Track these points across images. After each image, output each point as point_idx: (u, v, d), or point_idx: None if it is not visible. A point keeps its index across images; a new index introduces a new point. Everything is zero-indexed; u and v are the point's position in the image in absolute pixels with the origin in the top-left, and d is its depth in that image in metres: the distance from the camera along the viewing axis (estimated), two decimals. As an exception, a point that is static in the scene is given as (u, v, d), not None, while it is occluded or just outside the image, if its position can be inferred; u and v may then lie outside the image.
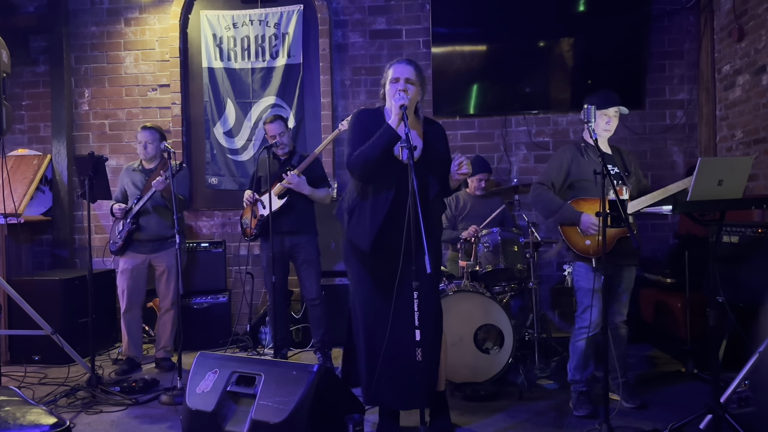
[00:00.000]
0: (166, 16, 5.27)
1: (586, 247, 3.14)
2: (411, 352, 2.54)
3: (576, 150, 3.29)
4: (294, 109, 5.13)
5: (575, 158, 3.25)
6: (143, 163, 4.30)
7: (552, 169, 3.28)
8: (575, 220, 3.14)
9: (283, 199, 4.01)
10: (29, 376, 4.02)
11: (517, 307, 4.36)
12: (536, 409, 3.28)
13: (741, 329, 3.03)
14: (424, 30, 5.12)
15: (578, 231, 3.16)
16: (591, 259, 3.15)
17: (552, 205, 3.21)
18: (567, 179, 3.26)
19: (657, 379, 3.74)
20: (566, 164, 3.25)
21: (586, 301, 3.19)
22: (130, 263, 4.19)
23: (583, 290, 3.21)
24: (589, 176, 3.15)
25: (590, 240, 3.12)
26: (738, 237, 3.34)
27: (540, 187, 3.28)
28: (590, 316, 3.15)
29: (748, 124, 4.32)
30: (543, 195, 3.25)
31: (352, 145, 2.79)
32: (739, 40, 4.36)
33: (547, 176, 3.29)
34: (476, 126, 5.13)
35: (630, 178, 3.23)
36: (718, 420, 2.68)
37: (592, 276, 3.15)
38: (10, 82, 5.32)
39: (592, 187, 3.17)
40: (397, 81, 2.77)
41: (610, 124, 3.22)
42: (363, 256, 2.80)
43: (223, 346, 4.62)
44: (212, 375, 2.75)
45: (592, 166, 3.17)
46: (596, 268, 3.14)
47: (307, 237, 4.10)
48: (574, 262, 3.26)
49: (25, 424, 1.56)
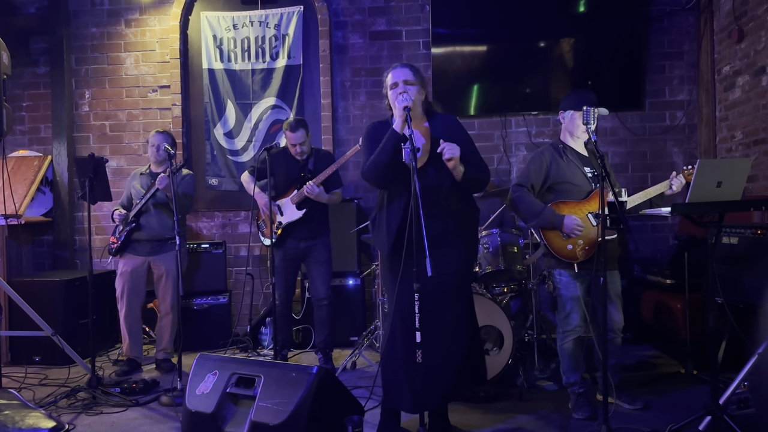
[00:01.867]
0: (167, 17, 5.28)
1: (568, 252, 3.08)
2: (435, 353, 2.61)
3: (554, 151, 3.19)
4: (294, 110, 5.13)
5: (554, 160, 3.16)
6: (152, 167, 4.31)
7: (531, 171, 3.18)
8: (557, 224, 3.05)
9: (302, 211, 4.01)
10: (30, 377, 4.03)
11: (517, 308, 4.37)
12: (536, 411, 3.28)
13: (740, 330, 3.03)
14: (424, 31, 5.12)
15: (560, 235, 3.09)
16: (573, 265, 3.10)
17: (533, 207, 3.11)
18: (546, 181, 3.17)
19: (657, 381, 3.74)
20: (545, 166, 3.15)
21: (570, 306, 3.14)
22: (129, 265, 4.19)
23: (566, 297, 3.16)
24: (570, 179, 3.12)
25: (572, 244, 3.07)
26: (737, 238, 3.34)
27: (520, 189, 3.17)
28: (574, 321, 3.13)
29: (747, 125, 4.32)
30: (524, 197, 3.14)
31: (366, 156, 2.84)
32: (738, 41, 4.36)
33: (526, 178, 3.18)
34: (476, 127, 5.13)
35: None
36: (717, 421, 2.69)
37: (575, 284, 3.11)
38: (11, 83, 5.33)
39: (573, 189, 3.12)
40: (396, 86, 2.79)
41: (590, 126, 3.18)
42: (390, 262, 2.80)
43: (223, 347, 4.63)
44: (212, 376, 2.75)
45: (572, 168, 3.14)
46: (578, 274, 3.11)
47: (321, 238, 4.13)
48: (555, 269, 3.19)
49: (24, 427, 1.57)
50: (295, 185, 4.05)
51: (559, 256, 3.12)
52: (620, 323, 3.22)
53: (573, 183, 3.13)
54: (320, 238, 4.12)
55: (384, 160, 2.69)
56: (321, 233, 4.13)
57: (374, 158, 2.73)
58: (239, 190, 5.15)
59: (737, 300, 3.23)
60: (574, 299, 3.13)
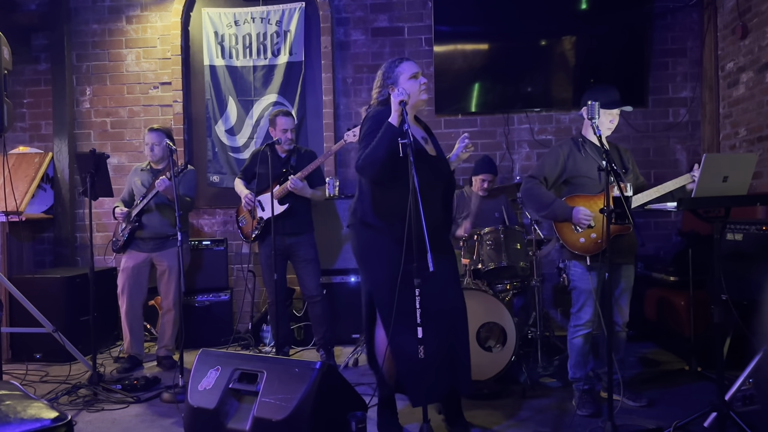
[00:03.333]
0: (168, 13, 5.26)
1: (580, 245, 3.09)
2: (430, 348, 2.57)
3: (573, 145, 3.22)
4: (296, 107, 5.11)
5: (572, 153, 3.18)
6: (152, 164, 4.29)
7: (547, 164, 3.21)
8: (567, 216, 3.08)
9: (284, 206, 4.01)
10: (31, 374, 4.02)
11: (520, 305, 4.34)
12: (539, 408, 3.26)
13: (745, 327, 3.01)
14: (426, 27, 5.10)
15: (572, 228, 3.11)
16: (585, 258, 3.10)
17: (544, 199, 3.14)
18: (562, 175, 3.19)
19: (660, 378, 3.72)
20: (563, 159, 3.18)
21: (582, 299, 3.16)
22: (131, 261, 4.18)
23: (579, 290, 3.17)
24: (586, 172, 3.12)
25: (584, 237, 3.07)
26: (742, 235, 3.32)
27: (532, 180, 3.20)
28: (586, 315, 3.13)
29: (751, 121, 4.30)
30: (535, 189, 3.17)
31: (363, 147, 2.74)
32: (742, 37, 4.34)
33: (540, 170, 3.21)
34: (478, 124, 5.11)
35: (627, 175, 3.19)
36: (723, 418, 2.67)
37: (588, 276, 3.11)
38: (12, 79, 5.32)
39: (589, 183, 3.13)
40: (417, 77, 2.76)
41: (613, 123, 3.19)
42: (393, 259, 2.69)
43: (225, 344, 4.61)
44: (214, 372, 2.73)
45: (589, 162, 3.15)
46: (591, 267, 3.11)
47: (304, 236, 4.12)
48: (569, 261, 3.21)
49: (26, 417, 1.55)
50: (277, 180, 4.04)
51: (571, 249, 3.13)
52: (625, 318, 3.23)
53: (589, 177, 3.14)
54: (304, 235, 4.12)
55: (380, 155, 2.61)
56: (305, 230, 4.14)
57: (370, 152, 2.65)
58: (241, 187, 5.14)
59: (741, 297, 3.22)
60: (587, 292, 3.13)
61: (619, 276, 3.19)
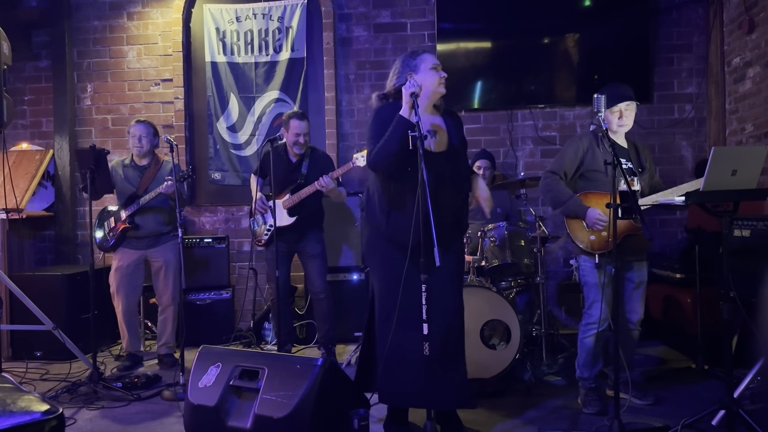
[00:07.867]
0: (169, 10, 5.23)
1: (590, 243, 3.07)
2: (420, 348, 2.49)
3: (593, 138, 3.19)
4: (297, 103, 5.08)
5: (591, 147, 3.16)
6: (135, 159, 4.20)
7: (567, 157, 3.19)
8: (581, 214, 3.07)
9: (292, 218, 3.94)
10: (31, 372, 3.99)
11: (524, 303, 4.31)
12: (544, 406, 3.22)
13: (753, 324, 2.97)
14: (429, 23, 5.06)
15: (583, 225, 3.09)
16: (594, 255, 3.08)
17: (561, 195, 3.13)
18: (580, 168, 3.17)
19: (667, 376, 3.68)
20: (581, 152, 3.16)
21: (592, 295, 3.13)
22: (124, 260, 4.11)
23: (589, 285, 3.15)
24: (602, 167, 3.09)
25: (594, 235, 3.05)
26: (750, 231, 3.28)
27: (551, 176, 3.19)
28: (597, 312, 3.09)
29: (758, 117, 4.25)
30: (553, 185, 3.16)
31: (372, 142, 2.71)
32: (749, 32, 4.29)
33: (560, 165, 3.20)
34: (482, 120, 5.07)
35: (644, 173, 3.16)
36: (732, 416, 2.62)
37: (597, 271, 3.09)
38: (12, 76, 5.29)
39: (603, 179, 3.09)
40: (437, 69, 2.73)
41: (623, 120, 3.15)
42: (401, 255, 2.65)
43: (226, 342, 4.57)
44: (215, 369, 2.70)
45: (605, 156, 3.12)
46: (599, 264, 3.07)
47: (313, 232, 4.07)
48: (579, 256, 3.19)
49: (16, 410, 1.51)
50: (288, 189, 3.98)
51: (580, 246, 3.11)
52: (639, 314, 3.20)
53: (605, 172, 3.09)
54: (313, 231, 4.06)
55: (393, 149, 2.58)
56: (314, 227, 4.08)
57: (382, 146, 2.61)
58: (242, 184, 5.11)
59: (749, 294, 3.17)
60: (597, 287, 3.09)
61: (632, 274, 3.15)
